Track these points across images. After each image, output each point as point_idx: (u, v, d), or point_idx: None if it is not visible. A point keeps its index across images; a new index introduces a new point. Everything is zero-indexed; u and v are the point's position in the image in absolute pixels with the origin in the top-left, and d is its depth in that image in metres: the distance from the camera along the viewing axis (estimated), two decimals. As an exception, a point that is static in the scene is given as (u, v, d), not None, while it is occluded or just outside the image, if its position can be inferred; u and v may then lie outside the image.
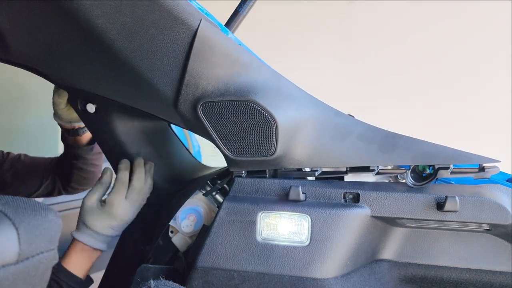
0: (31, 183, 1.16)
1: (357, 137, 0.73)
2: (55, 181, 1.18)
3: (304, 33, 2.53)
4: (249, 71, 0.70)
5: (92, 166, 1.14)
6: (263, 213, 0.72)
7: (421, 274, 0.75)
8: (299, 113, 0.72)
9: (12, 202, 0.47)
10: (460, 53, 2.33)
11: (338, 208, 0.71)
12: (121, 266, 0.98)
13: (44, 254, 0.47)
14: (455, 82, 2.36)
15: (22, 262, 0.44)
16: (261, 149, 0.72)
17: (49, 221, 0.48)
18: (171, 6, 0.62)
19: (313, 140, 0.73)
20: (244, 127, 0.71)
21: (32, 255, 0.45)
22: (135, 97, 0.81)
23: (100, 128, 0.92)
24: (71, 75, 0.84)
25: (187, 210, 0.86)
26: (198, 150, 2.05)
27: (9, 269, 0.43)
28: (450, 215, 0.69)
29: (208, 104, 0.70)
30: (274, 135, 0.70)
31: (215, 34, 0.66)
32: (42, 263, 0.47)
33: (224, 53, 0.67)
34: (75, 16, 0.63)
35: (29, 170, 1.16)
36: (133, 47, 0.66)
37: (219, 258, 0.72)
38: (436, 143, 0.72)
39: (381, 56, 2.43)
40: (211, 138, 0.74)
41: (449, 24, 2.33)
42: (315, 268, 0.69)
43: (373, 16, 2.45)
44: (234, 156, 0.74)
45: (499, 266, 0.73)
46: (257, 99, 0.68)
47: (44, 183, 1.17)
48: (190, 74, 0.68)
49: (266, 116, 0.68)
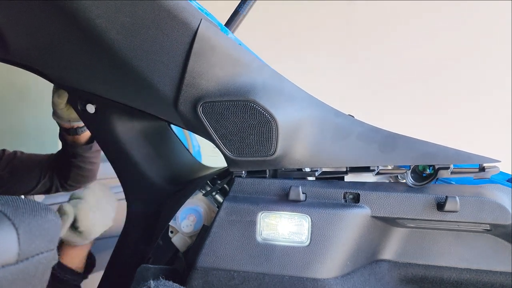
0: (29, 180, 1.16)
1: (357, 137, 0.73)
2: (53, 178, 1.18)
3: (304, 33, 2.53)
4: (249, 71, 0.70)
5: (90, 164, 1.14)
6: (263, 213, 0.72)
7: (421, 274, 0.75)
8: (299, 113, 0.72)
9: (12, 202, 0.47)
10: (460, 52, 2.33)
11: (338, 208, 0.71)
12: (121, 266, 0.98)
13: (44, 255, 0.47)
14: (455, 82, 2.36)
15: (22, 262, 0.44)
16: (261, 149, 0.72)
17: (49, 222, 0.48)
18: (171, 6, 0.62)
19: (313, 140, 0.73)
20: (244, 127, 0.71)
21: (32, 255, 0.45)
22: (135, 97, 0.81)
23: (100, 128, 0.92)
24: (71, 75, 0.84)
25: (187, 210, 0.86)
26: (198, 150, 2.05)
27: (9, 269, 0.43)
28: (450, 215, 0.69)
29: (208, 104, 0.70)
30: (274, 135, 0.70)
31: (215, 34, 0.66)
32: (42, 263, 0.47)
33: (224, 53, 0.67)
34: (75, 16, 0.63)
35: (26, 167, 1.16)
36: (133, 47, 0.66)
37: (219, 258, 0.72)
38: (436, 143, 0.72)
39: (381, 56, 2.43)
40: (211, 138, 0.74)
41: (449, 24, 2.33)
42: (315, 268, 0.69)
43: (373, 16, 2.45)
44: (234, 156, 0.74)
45: (499, 266, 0.73)
46: (257, 99, 0.68)
47: (42, 180, 1.17)
48: (190, 74, 0.67)
49: (266, 116, 0.68)
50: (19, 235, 0.44)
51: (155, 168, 0.93)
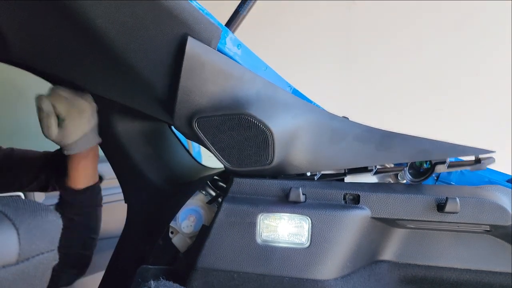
0: (24, 176, 1.16)
1: (354, 139, 0.73)
2: (49, 177, 1.18)
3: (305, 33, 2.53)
4: (242, 83, 0.69)
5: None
6: (262, 214, 0.72)
7: (421, 275, 0.75)
8: (294, 121, 0.72)
9: (12, 203, 0.47)
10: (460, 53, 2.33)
11: (338, 209, 0.71)
12: (121, 266, 0.98)
13: (44, 255, 0.47)
14: (455, 82, 2.36)
15: (22, 262, 0.44)
16: (259, 159, 0.72)
17: (49, 222, 0.48)
18: (171, 6, 0.62)
19: (310, 145, 0.73)
20: (240, 139, 0.71)
21: (32, 256, 0.45)
22: (134, 98, 0.81)
23: (100, 128, 0.92)
24: (71, 76, 0.84)
25: (187, 211, 0.86)
26: (198, 150, 2.05)
27: (9, 270, 0.43)
28: (451, 216, 0.69)
29: (204, 119, 0.70)
30: (270, 145, 0.70)
31: (204, 50, 0.65)
32: (42, 264, 0.47)
33: (215, 68, 0.66)
34: (75, 16, 0.63)
35: (21, 163, 1.16)
36: (133, 47, 0.66)
37: (219, 259, 0.72)
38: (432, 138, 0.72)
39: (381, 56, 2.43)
40: (210, 150, 0.74)
41: (449, 24, 2.33)
42: (315, 270, 0.69)
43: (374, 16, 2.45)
44: (233, 167, 0.75)
45: (499, 266, 0.73)
46: (251, 111, 0.67)
47: (38, 178, 1.17)
48: (183, 90, 0.67)
49: (261, 128, 0.68)
50: (19, 236, 0.44)
51: (155, 169, 0.93)
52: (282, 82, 0.79)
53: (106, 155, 0.98)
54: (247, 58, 0.73)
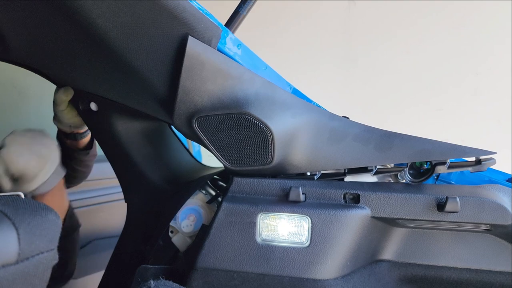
0: None
1: (353, 139, 0.73)
2: None
3: (305, 33, 2.53)
4: (241, 83, 0.69)
5: (85, 167, 1.14)
6: (262, 214, 0.72)
7: (421, 274, 0.75)
8: (294, 121, 0.72)
9: (12, 202, 0.47)
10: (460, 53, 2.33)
11: (338, 209, 0.71)
12: (121, 266, 0.98)
13: (44, 254, 0.47)
14: (455, 82, 2.35)
15: (22, 262, 0.44)
16: (258, 159, 0.72)
17: (49, 222, 0.48)
18: (171, 5, 0.62)
19: (310, 145, 0.73)
20: (240, 138, 0.71)
21: (32, 255, 0.45)
22: (135, 98, 0.81)
23: (101, 127, 0.92)
24: (72, 75, 0.84)
25: (187, 210, 0.86)
26: (198, 150, 2.05)
27: (9, 269, 0.43)
28: (451, 216, 0.69)
29: (203, 118, 0.70)
30: (270, 144, 0.70)
31: (204, 50, 0.65)
32: (42, 263, 0.47)
33: (214, 67, 0.67)
34: (76, 15, 0.63)
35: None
36: (133, 47, 0.66)
37: (219, 259, 0.72)
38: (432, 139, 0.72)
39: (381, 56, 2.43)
40: (209, 149, 0.74)
41: (449, 24, 2.33)
42: (315, 269, 0.69)
43: (373, 16, 2.45)
44: (233, 167, 0.75)
45: (499, 266, 0.73)
46: (250, 111, 0.68)
47: None
48: (183, 90, 0.67)
49: (261, 127, 0.68)
50: (19, 235, 0.44)
51: (155, 168, 0.93)
52: (282, 82, 0.79)
53: (106, 155, 0.98)
54: (247, 58, 0.73)
